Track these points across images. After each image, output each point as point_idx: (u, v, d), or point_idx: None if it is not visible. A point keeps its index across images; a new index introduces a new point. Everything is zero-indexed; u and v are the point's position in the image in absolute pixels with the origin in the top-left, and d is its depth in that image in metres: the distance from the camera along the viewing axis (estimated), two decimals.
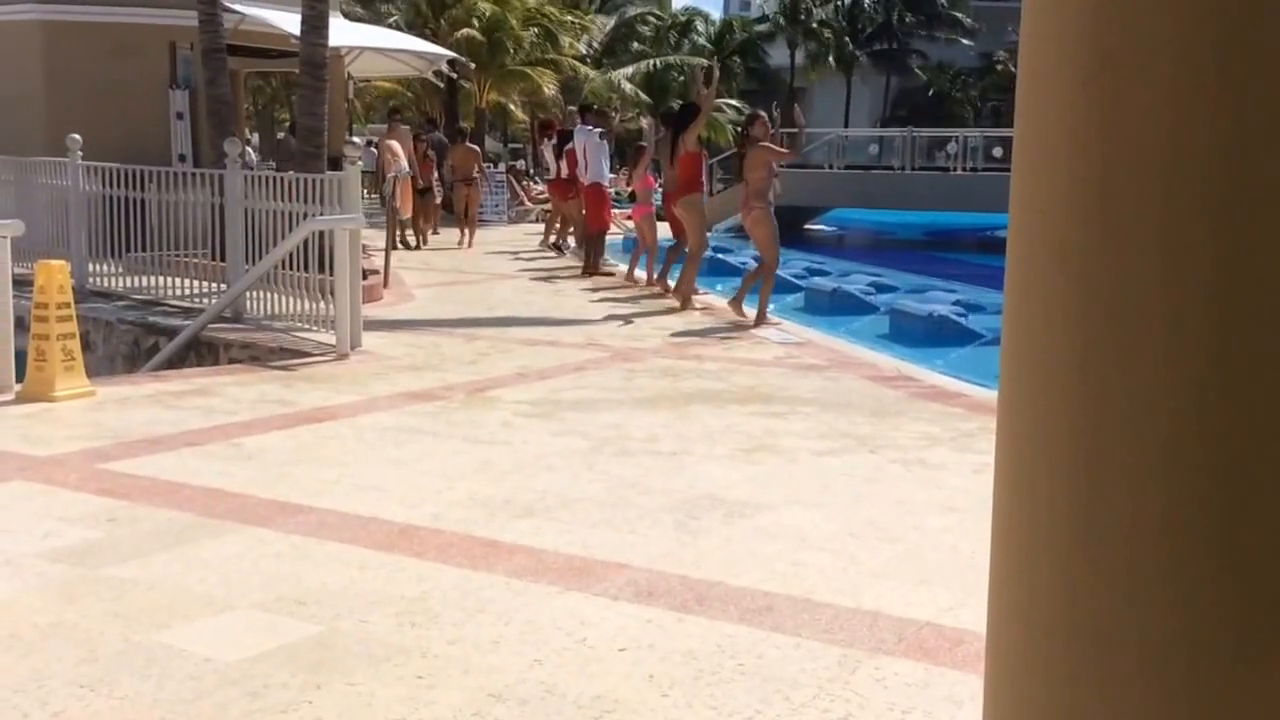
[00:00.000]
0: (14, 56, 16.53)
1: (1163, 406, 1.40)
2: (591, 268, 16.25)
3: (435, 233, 20.88)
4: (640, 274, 15.27)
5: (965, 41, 55.67)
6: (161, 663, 3.78)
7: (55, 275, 7.91)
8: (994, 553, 1.71)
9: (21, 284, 9.01)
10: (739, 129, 12.64)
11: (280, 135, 27.19)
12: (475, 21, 31.43)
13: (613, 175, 16.65)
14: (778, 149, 12.24)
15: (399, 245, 18.39)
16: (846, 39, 55.62)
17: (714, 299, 13.89)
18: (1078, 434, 1.48)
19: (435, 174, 20.96)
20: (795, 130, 12.79)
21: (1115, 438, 1.44)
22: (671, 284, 14.37)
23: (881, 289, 19.07)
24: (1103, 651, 1.47)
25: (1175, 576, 1.42)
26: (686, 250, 14.30)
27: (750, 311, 12.20)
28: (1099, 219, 1.44)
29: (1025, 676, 1.61)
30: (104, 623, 4.11)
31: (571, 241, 19.01)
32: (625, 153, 16.89)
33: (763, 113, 12.73)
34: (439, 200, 21.43)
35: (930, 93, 56.15)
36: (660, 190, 15.61)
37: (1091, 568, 1.48)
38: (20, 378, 7.95)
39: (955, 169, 31.87)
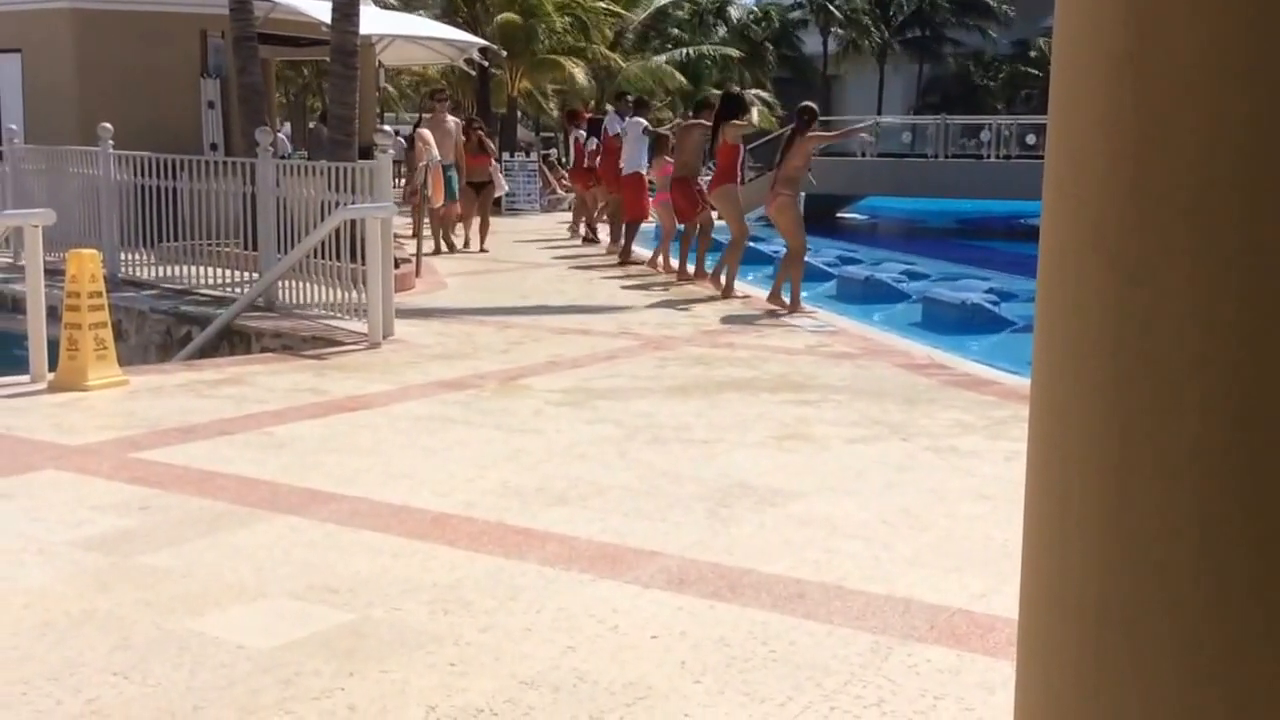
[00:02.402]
0: (46, 45, 16.62)
1: (1196, 391, 1.38)
2: (625, 256, 16.26)
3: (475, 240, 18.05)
4: (675, 262, 15.25)
5: (999, 28, 55.33)
6: (194, 650, 3.80)
7: (87, 264, 7.95)
8: (1026, 538, 1.69)
9: (54, 273, 9.07)
10: (799, 115, 12.47)
11: (312, 124, 27.33)
12: (514, 6, 31.44)
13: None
14: (824, 134, 12.20)
15: (444, 248, 17.19)
16: (879, 26, 55.37)
17: (748, 288, 13.85)
18: (1110, 418, 1.46)
19: (493, 165, 18.99)
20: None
21: (1148, 422, 1.42)
22: (693, 270, 14.33)
23: (914, 277, 19.02)
24: (1134, 636, 1.45)
25: (1207, 560, 1.40)
26: (697, 236, 14.30)
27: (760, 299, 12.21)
28: (1133, 203, 1.42)
29: (1057, 661, 1.60)
30: (137, 611, 4.13)
31: (583, 228, 19.04)
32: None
33: (815, 108, 12.65)
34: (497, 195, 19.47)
35: (963, 80, 55.85)
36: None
37: (1123, 552, 1.46)
38: (53, 367, 8.00)
39: (988, 156, 31.71)
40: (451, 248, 17.47)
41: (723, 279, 13.05)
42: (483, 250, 17.46)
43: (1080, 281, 1.49)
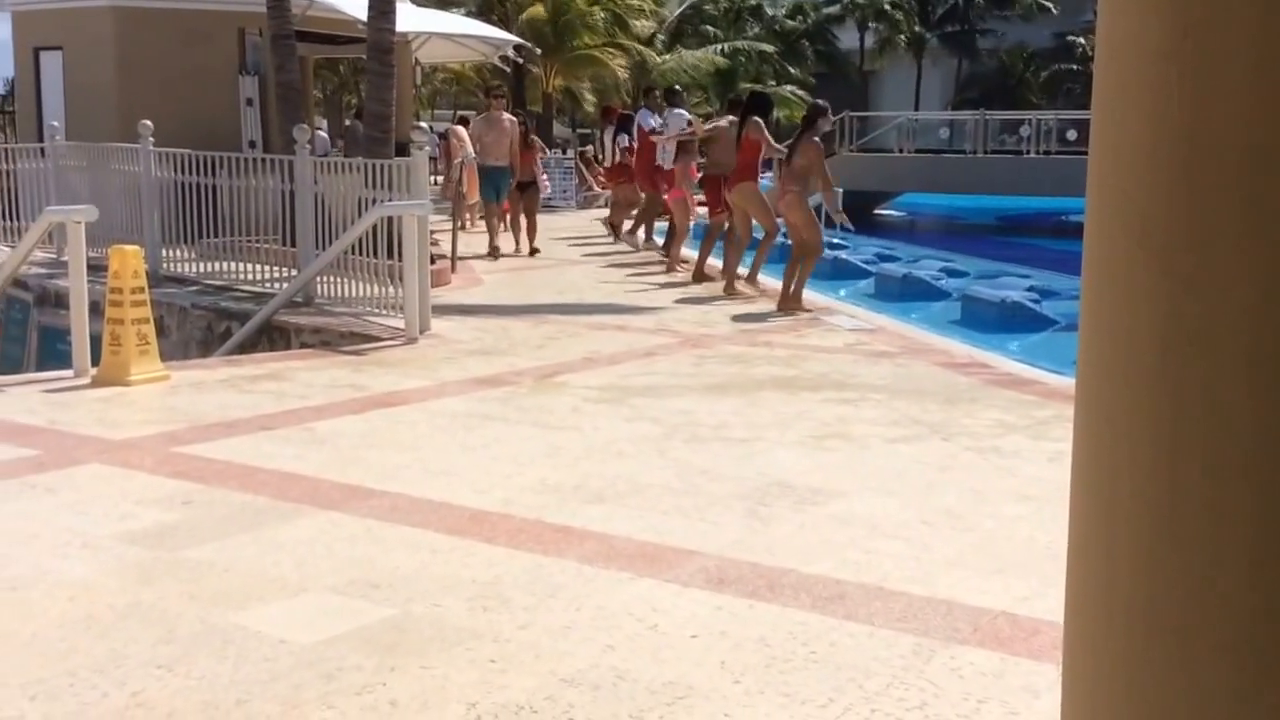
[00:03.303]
0: (87, 43, 16.75)
1: (1246, 389, 1.36)
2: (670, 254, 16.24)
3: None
4: (714, 260, 15.22)
5: (1038, 22, 54.97)
6: (237, 644, 3.82)
7: (129, 260, 8.00)
8: (1071, 542, 1.68)
9: (96, 269, 9.13)
10: (805, 117, 12.47)
11: (348, 121, 27.42)
12: (542, 4, 31.51)
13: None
14: (821, 159, 12.06)
15: (492, 253, 16.24)
16: (916, 21, 55.13)
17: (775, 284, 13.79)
18: (1159, 421, 1.44)
19: (537, 165, 18.63)
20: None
21: (1197, 421, 1.40)
22: (714, 263, 14.28)
23: (953, 274, 18.90)
24: (1184, 643, 1.44)
25: (1259, 563, 1.38)
26: (724, 234, 14.23)
27: (815, 301, 12.14)
28: (1180, 203, 1.40)
29: (1104, 665, 1.58)
30: (181, 604, 4.16)
31: (627, 225, 18.97)
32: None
33: (827, 106, 12.59)
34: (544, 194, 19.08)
35: (1002, 75, 55.54)
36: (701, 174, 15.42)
37: (1172, 555, 1.44)
38: (96, 362, 8.06)
39: (1028, 152, 31.51)
40: (494, 253, 16.28)
41: (759, 281, 13.04)
42: (534, 252, 16.77)
43: (1127, 283, 1.48)
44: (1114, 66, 1.51)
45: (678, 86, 20.24)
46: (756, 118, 12.79)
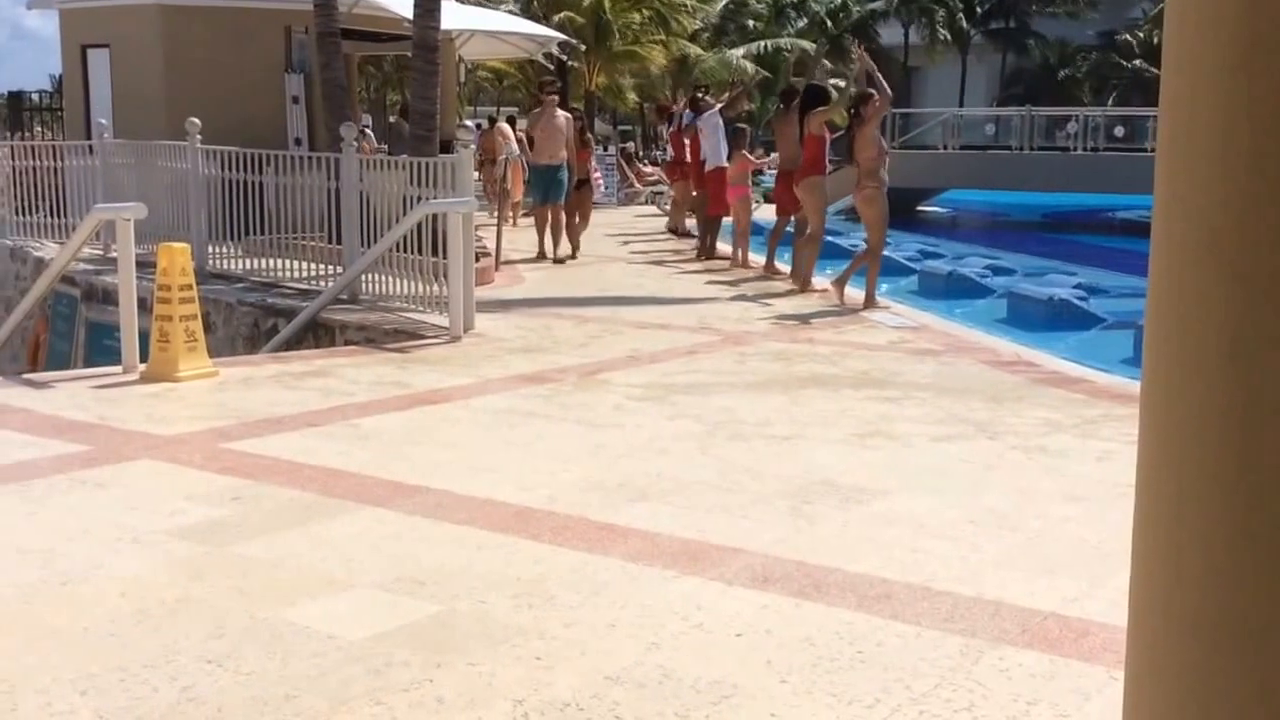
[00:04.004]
0: (134, 41, 16.88)
1: None
2: (706, 251, 16.24)
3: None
4: (756, 258, 15.23)
5: (1085, 18, 54.53)
6: (286, 639, 3.85)
7: (177, 258, 8.07)
8: (1135, 547, 1.66)
9: (143, 266, 9.21)
10: (850, 109, 12.43)
11: (392, 119, 27.56)
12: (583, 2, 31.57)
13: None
14: (879, 107, 11.95)
15: (542, 256, 15.67)
16: (961, 17, 54.79)
17: (827, 282, 13.77)
18: (1228, 424, 1.43)
19: (591, 163, 18.13)
20: (872, 76, 12.31)
21: (1267, 427, 1.39)
22: (781, 266, 14.27)
23: (998, 272, 18.79)
24: (1254, 651, 1.42)
25: None
26: (791, 231, 14.20)
27: (855, 294, 12.09)
28: (1252, 208, 1.39)
29: (1170, 677, 1.57)
30: (230, 599, 4.19)
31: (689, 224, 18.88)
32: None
33: (874, 91, 12.55)
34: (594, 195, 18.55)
35: (1047, 71, 55.14)
36: (772, 170, 15.46)
37: (1240, 561, 1.43)
38: (144, 358, 8.13)
39: (1075, 149, 31.27)
40: (542, 256, 15.63)
41: (782, 267, 13.04)
42: (573, 255, 16.05)
43: (1195, 290, 1.47)
44: (1181, 77, 1.50)
45: (703, 90, 20.12)
46: (815, 110, 12.75)
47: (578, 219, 16.38)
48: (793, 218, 14.11)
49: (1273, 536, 1.42)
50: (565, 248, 16.04)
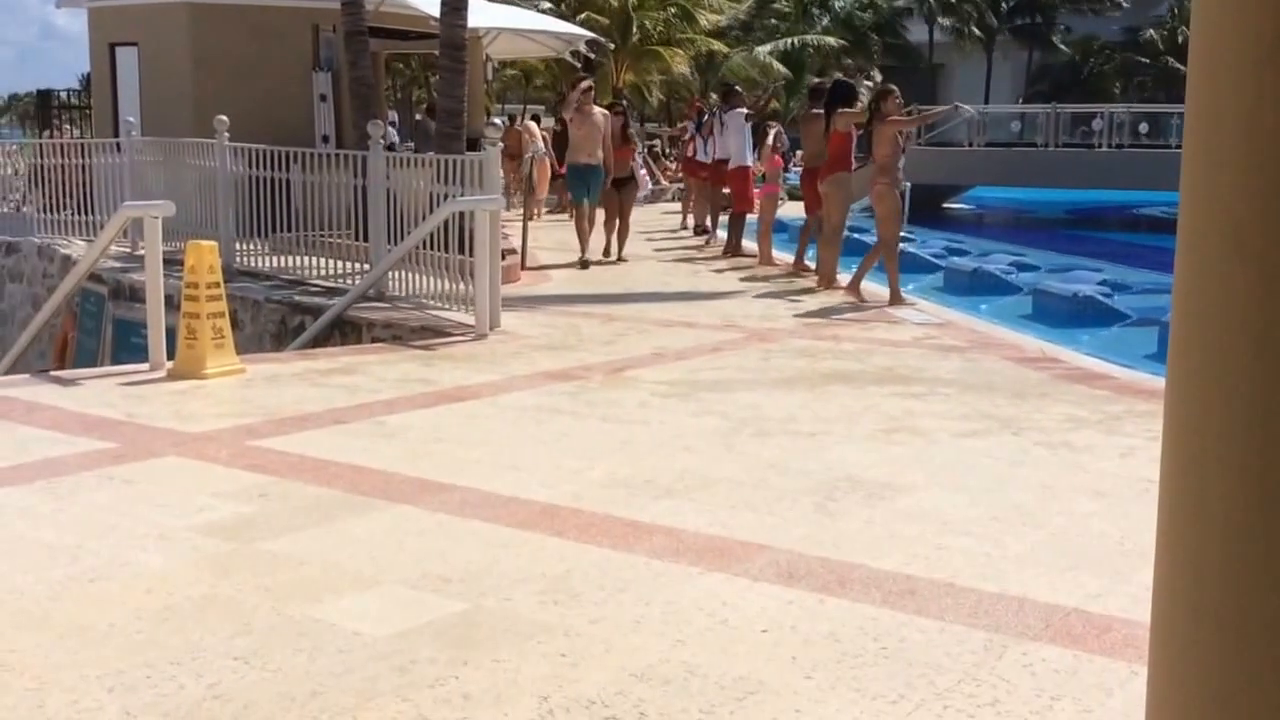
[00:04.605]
0: (162, 38, 16.96)
1: None
2: (732, 249, 16.25)
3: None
4: (782, 255, 15.24)
5: (1111, 15, 54.26)
6: (313, 636, 3.87)
7: (205, 255, 8.12)
8: (1160, 544, 1.67)
9: (171, 263, 9.27)
10: (870, 104, 12.43)
11: (418, 116, 27.63)
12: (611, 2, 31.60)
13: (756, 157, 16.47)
14: (904, 118, 12.03)
15: (582, 264, 14.73)
16: (987, 13, 54.58)
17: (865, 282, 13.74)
18: (1252, 424, 1.43)
19: (635, 160, 17.56)
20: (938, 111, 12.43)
21: None
22: (809, 264, 14.27)
23: (1023, 268, 18.73)
24: (1274, 642, 1.42)
25: None
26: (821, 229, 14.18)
27: (879, 290, 12.09)
28: (1277, 203, 1.39)
29: (1193, 674, 1.57)
30: (257, 596, 4.22)
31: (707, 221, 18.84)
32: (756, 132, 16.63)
33: (894, 87, 12.54)
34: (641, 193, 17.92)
35: (1073, 68, 54.88)
36: (799, 167, 15.47)
37: (1263, 557, 1.43)
38: (171, 355, 8.18)
39: (1100, 145, 31.13)
40: (584, 264, 14.77)
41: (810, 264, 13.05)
42: (620, 259, 15.32)
43: (1221, 288, 1.47)
44: (1207, 73, 1.50)
45: (738, 87, 20.06)
46: (842, 108, 12.74)
47: (619, 220, 15.62)
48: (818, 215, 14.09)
49: None
50: (601, 248, 15.41)
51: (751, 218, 16.08)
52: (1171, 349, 1.60)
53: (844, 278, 13.09)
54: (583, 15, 31.56)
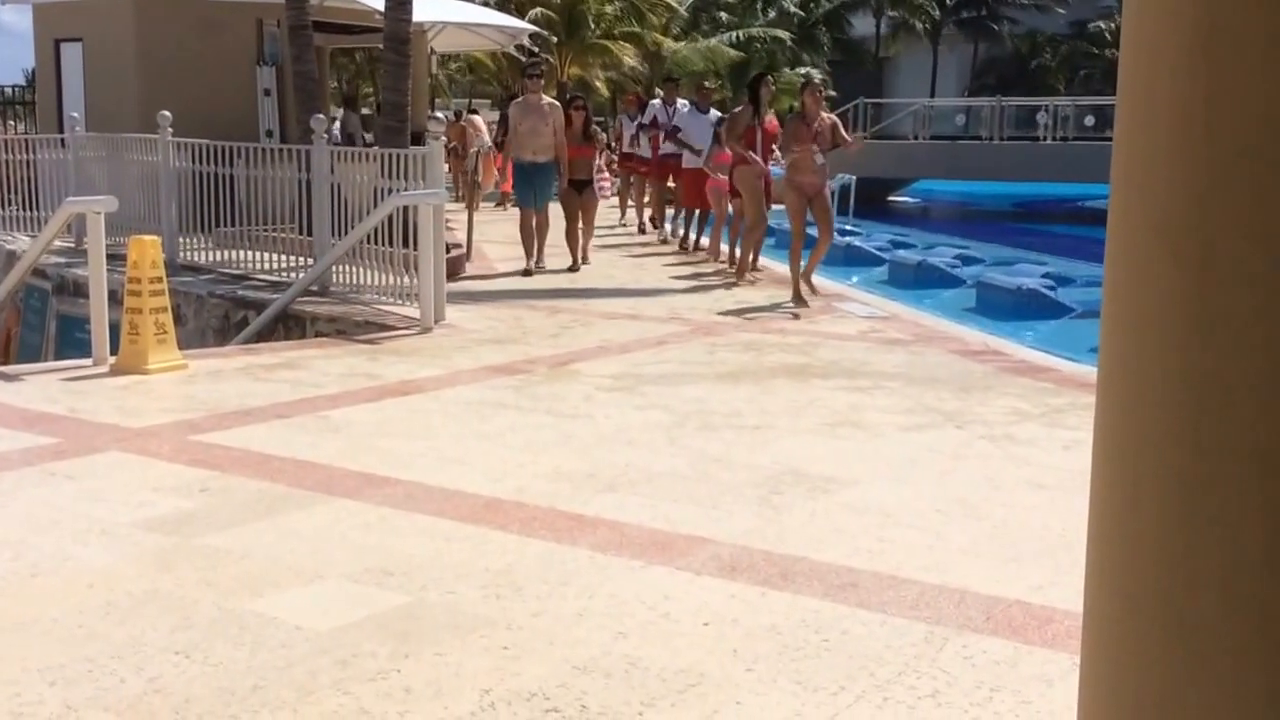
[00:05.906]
0: (107, 34, 16.77)
1: (1266, 386, 1.37)
2: (684, 243, 16.27)
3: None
4: (724, 247, 15.25)
5: (1057, 9, 54.69)
6: (254, 630, 3.85)
7: (148, 250, 8.05)
8: (1091, 533, 1.69)
9: (114, 258, 9.17)
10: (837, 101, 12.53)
11: (365, 110, 27.41)
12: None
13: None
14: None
15: (526, 272, 13.44)
16: (933, 7, 54.89)
17: (779, 268, 13.77)
18: (1181, 414, 1.45)
19: (598, 163, 16.41)
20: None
21: (1219, 418, 1.41)
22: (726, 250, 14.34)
23: (968, 261, 18.86)
24: (1204, 632, 1.45)
25: (1272, 561, 1.39)
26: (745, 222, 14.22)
27: (825, 284, 12.19)
28: (1206, 194, 1.41)
29: (1123, 655, 1.59)
30: (198, 591, 4.19)
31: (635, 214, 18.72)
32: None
33: (816, 81, 12.65)
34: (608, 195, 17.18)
35: (1019, 61, 55.29)
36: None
37: (1193, 547, 1.45)
38: (114, 350, 8.11)
39: (1046, 138, 31.39)
40: (529, 272, 13.46)
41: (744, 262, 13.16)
42: (583, 263, 14.15)
43: (1149, 276, 1.49)
44: (1139, 66, 1.52)
45: (707, 83, 19.96)
46: (742, 107, 12.88)
47: (581, 225, 14.20)
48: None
49: (1218, 525, 1.44)
50: (552, 257, 14.08)
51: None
52: (1102, 337, 1.62)
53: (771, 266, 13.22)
54: (535, 10, 31.43)
